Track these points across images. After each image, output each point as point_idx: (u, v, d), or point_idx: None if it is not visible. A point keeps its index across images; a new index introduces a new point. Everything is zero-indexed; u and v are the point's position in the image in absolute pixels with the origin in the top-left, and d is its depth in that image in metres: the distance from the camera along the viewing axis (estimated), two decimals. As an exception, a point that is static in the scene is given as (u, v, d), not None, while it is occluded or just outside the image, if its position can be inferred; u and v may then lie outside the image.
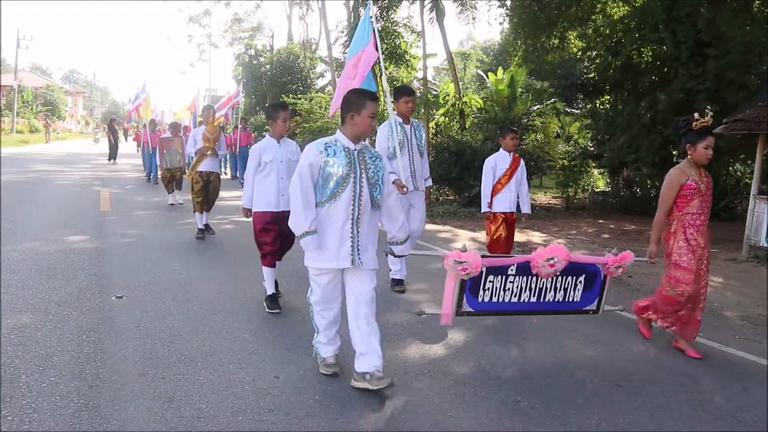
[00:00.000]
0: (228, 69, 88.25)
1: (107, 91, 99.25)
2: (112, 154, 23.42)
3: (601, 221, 12.48)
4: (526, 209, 6.45)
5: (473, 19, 19.25)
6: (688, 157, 4.49)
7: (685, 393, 3.82)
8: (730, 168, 13.96)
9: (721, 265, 7.96)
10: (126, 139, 33.95)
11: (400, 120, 5.83)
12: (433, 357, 4.24)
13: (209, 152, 8.40)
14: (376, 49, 5.80)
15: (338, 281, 3.68)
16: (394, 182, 5.03)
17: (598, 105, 15.95)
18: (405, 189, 5.47)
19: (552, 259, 3.73)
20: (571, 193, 15.08)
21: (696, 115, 4.44)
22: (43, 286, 5.53)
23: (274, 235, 5.20)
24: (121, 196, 13.17)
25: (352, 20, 19.45)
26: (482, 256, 3.63)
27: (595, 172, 16.26)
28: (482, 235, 9.75)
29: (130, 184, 16.01)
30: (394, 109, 5.83)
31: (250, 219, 5.35)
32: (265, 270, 5.30)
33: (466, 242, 4.04)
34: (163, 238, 8.34)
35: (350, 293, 3.66)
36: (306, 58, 33.05)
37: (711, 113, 4.44)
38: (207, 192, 8.49)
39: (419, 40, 19.23)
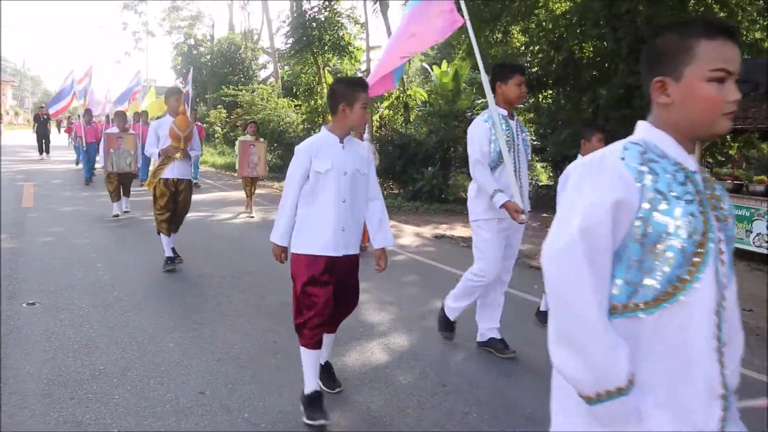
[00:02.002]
0: (167, 59, 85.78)
1: (39, 80, 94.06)
2: (46, 147, 21.74)
3: (545, 215, 12.49)
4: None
5: (417, 11, 19.09)
6: None
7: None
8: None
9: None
10: (59, 130, 31.82)
11: (504, 112, 3.98)
12: (374, 364, 3.98)
13: (179, 154, 6.20)
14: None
15: None
16: (504, 205, 3.72)
17: (540, 99, 16.08)
18: (523, 216, 3.77)
19: None
20: (514, 188, 15.10)
21: None
22: (-55, 292, 5.00)
23: (328, 294, 3.09)
24: (47, 191, 12.38)
25: (294, 9, 18.95)
26: None
27: (539, 166, 16.37)
28: (427, 230, 9.57)
29: (58, 178, 15.13)
30: (494, 97, 3.97)
31: (285, 263, 3.27)
32: (306, 354, 3.16)
33: None
34: (89, 237, 7.77)
35: None
36: (248, 48, 32.30)
37: None
38: (176, 207, 6.36)
39: (363, 32, 18.98)
